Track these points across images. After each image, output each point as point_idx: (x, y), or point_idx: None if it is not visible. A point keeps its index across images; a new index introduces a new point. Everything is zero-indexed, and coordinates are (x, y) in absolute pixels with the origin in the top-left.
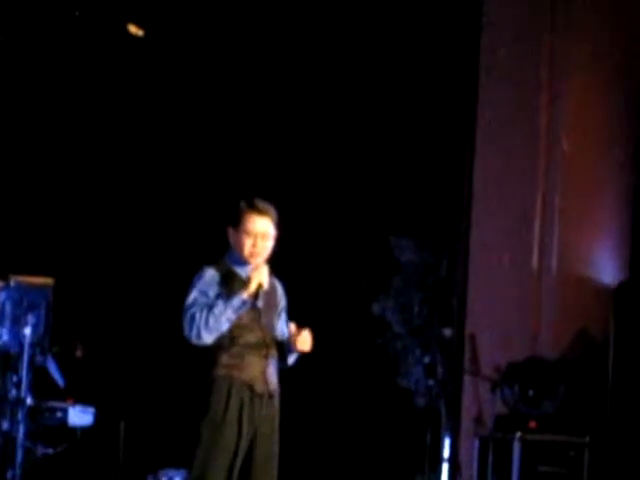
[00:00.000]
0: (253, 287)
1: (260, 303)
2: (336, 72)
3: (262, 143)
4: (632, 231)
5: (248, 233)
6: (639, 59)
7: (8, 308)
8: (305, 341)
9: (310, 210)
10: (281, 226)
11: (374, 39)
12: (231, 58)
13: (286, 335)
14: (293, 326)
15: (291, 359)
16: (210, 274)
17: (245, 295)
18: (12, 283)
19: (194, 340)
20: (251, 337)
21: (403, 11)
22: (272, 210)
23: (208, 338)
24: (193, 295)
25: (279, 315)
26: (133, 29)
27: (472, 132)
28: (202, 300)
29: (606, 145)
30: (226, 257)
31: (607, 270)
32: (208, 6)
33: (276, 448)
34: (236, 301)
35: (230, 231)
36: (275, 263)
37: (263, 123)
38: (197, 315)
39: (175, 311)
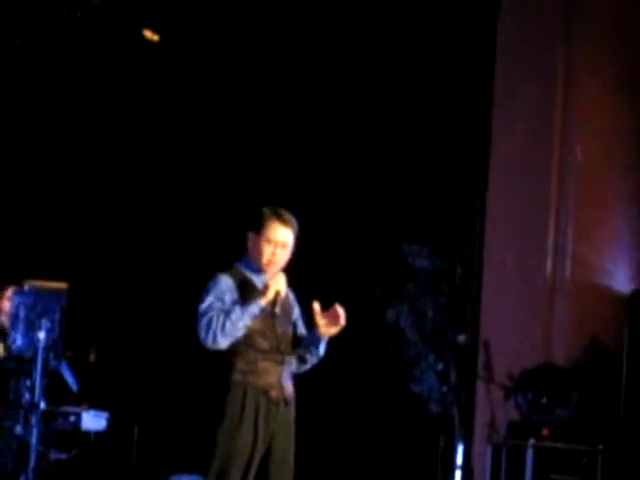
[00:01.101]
0: (271, 294)
1: (278, 310)
2: (350, 80)
3: (277, 149)
4: None
5: (269, 241)
6: None
7: (22, 313)
8: (341, 316)
9: (324, 217)
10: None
11: (387, 47)
12: (249, 64)
13: (305, 334)
14: (317, 305)
15: (322, 348)
16: (225, 281)
17: (263, 302)
18: (26, 288)
19: (209, 344)
20: (266, 344)
21: (419, 19)
22: (294, 221)
23: (223, 343)
24: (209, 300)
25: (294, 323)
26: (149, 34)
27: (486, 141)
28: (218, 305)
29: (620, 155)
30: (240, 263)
31: (620, 278)
32: (224, 12)
33: (292, 454)
34: (254, 308)
35: (250, 236)
36: (290, 270)
37: (278, 130)
38: (214, 320)
39: (189, 316)
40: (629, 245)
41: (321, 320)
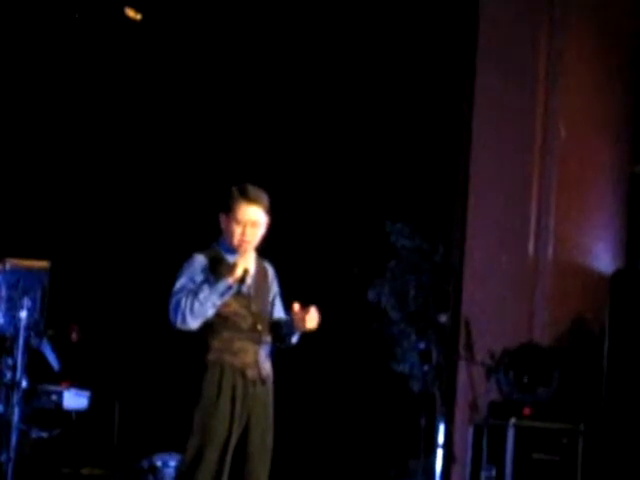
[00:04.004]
0: (239, 272)
1: (246, 288)
2: (330, 58)
3: (257, 128)
4: (628, 219)
5: (238, 221)
6: (632, 46)
7: (4, 291)
8: (312, 319)
9: (305, 196)
10: (277, 212)
11: (368, 30)
12: (227, 44)
13: (284, 317)
14: (297, 305)
15: (294, 338)
16: (199, 261)
17: (230, 280)
18: (8, 266)
19: (179, 325)
20: (242, 323)
21: (402, 8)
22: (264, 197)
23: (193, 323)
24: (181, 281)
25: (272, 301)
26: (131, 13)
27: (469, 118)
28: (190, 286)
29: (603, 133)
30: (216, 243)
31: (603, 258)
32: None
33: (270, 433)
34: (221, 286)
35: (222, 217)
36: (271, 248)
37: (258, 108)
38: (183, 300)
39: (170, 295)
40: (611, 224)
41: (296, 317)
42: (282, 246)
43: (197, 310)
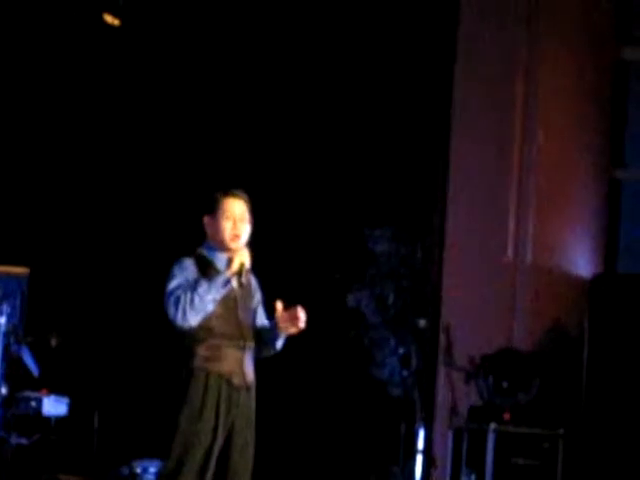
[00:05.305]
0: (236, 266)
1: (244, 280)
2: (310, 63)
3: (236, 134)
4: (607, 224)
5: (227, 216)
6: (611, 51)
7: None
8: (299, 319)
9: (284, 201)
10: (256, 218)
11: (343, 41)
12: (207, 47)
13: (267, 324)
14: (280, 304)
15: (279, 343)
16: (188, 263)
17: (228, 274)
18: None
19: (179, 322)
20: (227, 329)
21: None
22: (245, 195)
23: (193, 319)
24: (176, 281)
25: (255, 308)
26: (109, 18)
27: (447, 123)
28: (185, 284)
29: (581, 138)
30: (201, 248)
31: (582, 263)
32: None
33: (252, 440)
34: (220, 280)
35: (207, 219)
36: (250, 255)
37: (237, 114)
38: (182, 297)
39: (150, 301)
40: (590, 229)
41: (281, 319)
42: (261, 252)
43: (197, 305)
